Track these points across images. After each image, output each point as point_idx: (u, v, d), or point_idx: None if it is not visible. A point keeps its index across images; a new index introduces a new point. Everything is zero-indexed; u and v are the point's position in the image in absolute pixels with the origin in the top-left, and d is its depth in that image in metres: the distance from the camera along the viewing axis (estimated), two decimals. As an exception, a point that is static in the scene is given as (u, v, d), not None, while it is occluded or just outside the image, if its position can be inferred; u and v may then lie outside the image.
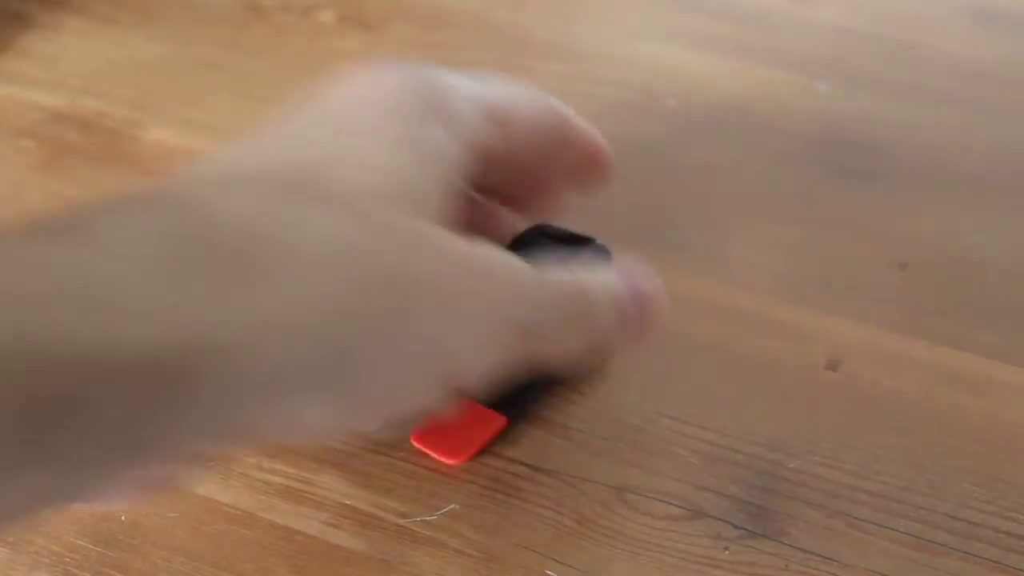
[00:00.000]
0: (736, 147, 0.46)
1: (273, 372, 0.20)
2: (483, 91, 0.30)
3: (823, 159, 0.45)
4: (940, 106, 0.48)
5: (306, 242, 0.21)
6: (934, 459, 0.32)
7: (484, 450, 0.32)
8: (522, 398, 0.32)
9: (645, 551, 0.30)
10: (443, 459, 0.31)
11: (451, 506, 0.31)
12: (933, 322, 0.37)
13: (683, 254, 0.40)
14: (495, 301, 0.24)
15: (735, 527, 0.30)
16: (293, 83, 0.52)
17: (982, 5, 0.55)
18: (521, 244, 0.33)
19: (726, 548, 0.30)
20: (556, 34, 0.53)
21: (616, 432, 0.33)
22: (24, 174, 0.44)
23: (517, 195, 0.34)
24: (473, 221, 0.30)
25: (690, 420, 0.33)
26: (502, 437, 0.33)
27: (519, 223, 0.34)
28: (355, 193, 0.24)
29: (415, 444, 0.32)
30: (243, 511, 0.31)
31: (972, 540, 0.30)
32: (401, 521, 0.31)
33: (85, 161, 0.45)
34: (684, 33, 0.53)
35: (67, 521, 0.30)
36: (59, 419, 0.17)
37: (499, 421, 0.32)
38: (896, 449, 0.33)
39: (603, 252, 0.34)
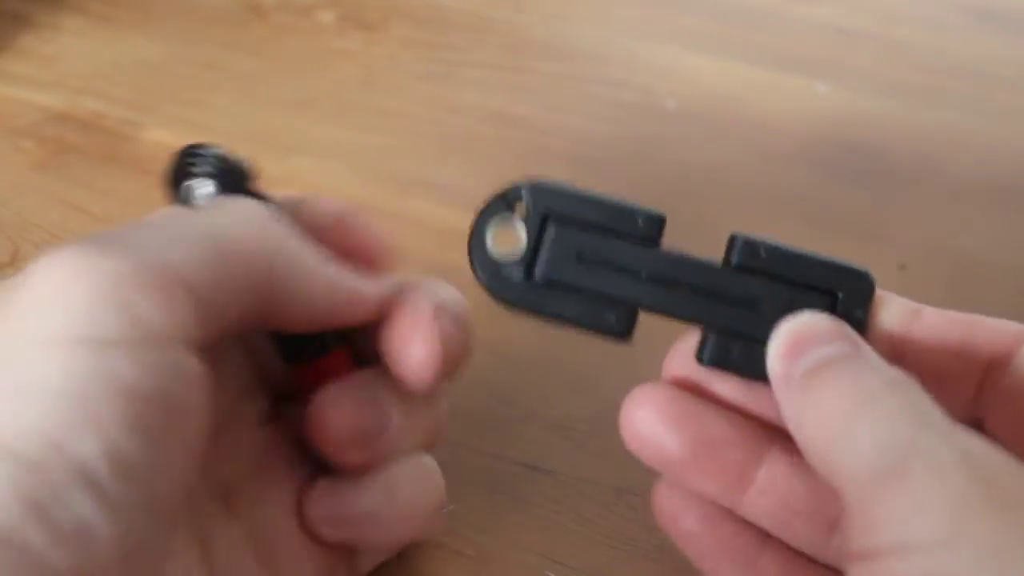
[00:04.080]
0: (736, 147, 0.46)
1: None
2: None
3: (823, 159, 0.45)
4: (940, 106, 0.48)
5: None
6: (934, 459, 0.32)
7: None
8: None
9: (645, 551, 0.30)
10: None
11: (451, 506, 0.31)
12: (933, 322, 0.37)
13: (683, 254, 0.40)
14: None
15: (735, 527, 0.30)
16: (293, 83, 0.52)
17: (982, 5, 0.55)
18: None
19: (726, 548, 0.30)
20: (556, 34, 0.53)
21: (616, 432, 0.33)
22: (24, 174, 0.44)
23: None
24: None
25: (690, 420, 0.33)
26: (502, 437, 0.33)
27: None
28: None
29: None
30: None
31: (972, 540, 0.30)
32: (401, 521, 0.31)
33: (85, 161, 0.45)
34: (684, 33, 0.53)
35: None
36: None
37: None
38: (896, 449, 0.33)
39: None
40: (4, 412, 0.18)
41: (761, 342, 0.23)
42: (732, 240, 0.25)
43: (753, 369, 0.24)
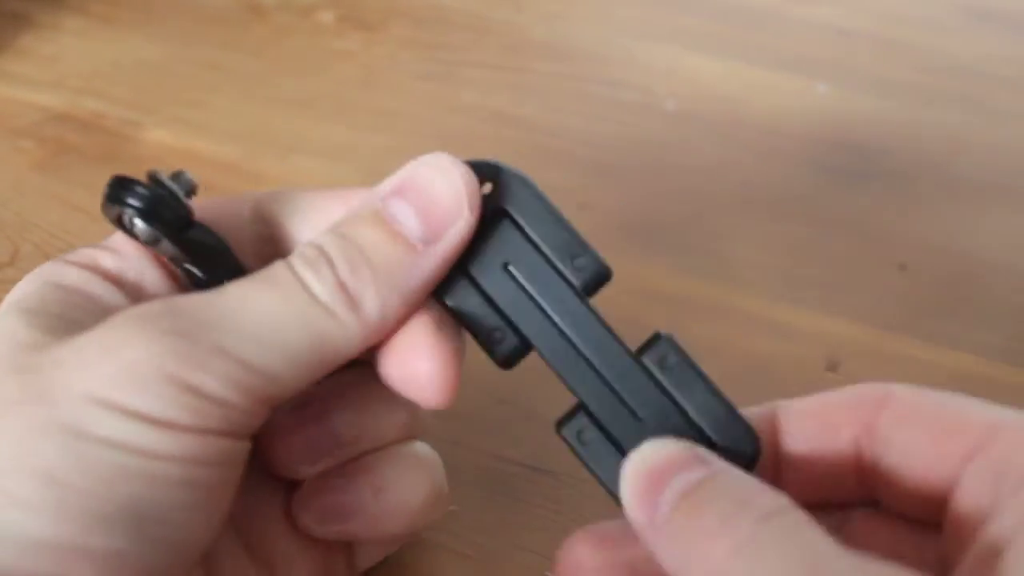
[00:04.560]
0: (736, 147, 0.46)
1: None
2: None
3: (823, 159, 0.45)
4: (940, 106, 0.48)
5: None
6: (934, 459, 0.32)
7: None
8: None
9: (645, 551, 0.30)
10: None
11: (451, 506, 0.31)
12: (933, 322, 0.37)
13: (683, 254, 0.40)
14: None
15: (735, 527, 0.30)
16: (293, 83, 0.52)
17: (981, 5, 0.55)
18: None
19: (726, 548, 0.30)
20: (555, 34, 0.53)
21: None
22: (24, 174, 0.44)
23: None
24: None
25: (690, 420, 0.33)
26: (502, 437, 0.33)
27: None
28: None
29: None
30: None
31: (972, 540, 0.30)
32: (401, 521, 0.31)
33: (85, 161, 0.45)
34: (684, 33, 0.53)
35: None
36: None
37: None
38: (896, 449, 0.33)
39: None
40: (45, 445, 0.19)
41: (621, 452, 0.22)
42: (655, 337, 0.23)
43: (601, 471, 0.22)
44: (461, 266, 0.23)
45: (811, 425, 0.23)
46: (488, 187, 0.23)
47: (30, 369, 0.20)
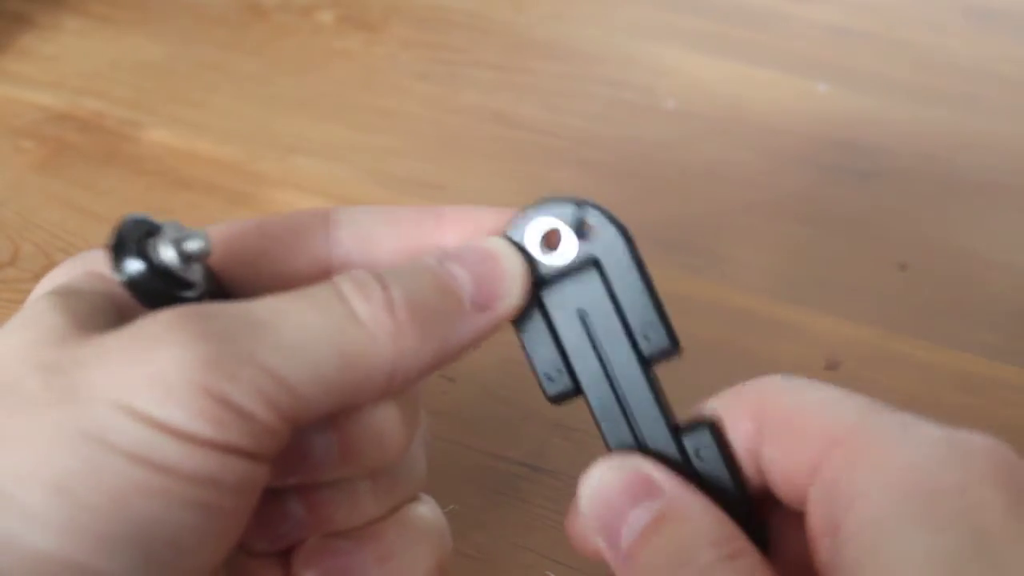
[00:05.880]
0: (736, 147, 0.46)
1: None
2: None
3: (823, 159, 0.45)
4: (940, 106, 0.48)
5: None
6: (934, 459, 0.32)
7: None
8: None
9: (645, 551, 0.30)
10: None
11: (451, 506, 0.31)
12: (933, 322, 0.37)
13: (683, 254, 0.40)
14: None
15: (735, 527, 0.30)
16: (293, 83, 0.52)
17: (981, 5, 0.55)
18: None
19: (726, 548, 0.30)
20: (556, 34, 0.53)
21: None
22: (24, 174, 0.44)
23: None
24: None
25: (690, 420, 0.33)
26: (502, 437, 0.33)
27: None
28: None
29: None
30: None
31: (972, 540, 0.30)
32: (401, 521, 0.31)
33: (85, 161, 0.45)
34: (684, 33, 0.53)
35: None
36: None
37: None
38: (896, 449, 0.33)
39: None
40: (62, 453, 0.18)
41: None
42: (703, 423, 0.23)
43: None
44: (539, 299, 0.23)
45: (730, 428, 0.23)
46: (589, 229, 0.23)
47: (54, 367, 0.19)
